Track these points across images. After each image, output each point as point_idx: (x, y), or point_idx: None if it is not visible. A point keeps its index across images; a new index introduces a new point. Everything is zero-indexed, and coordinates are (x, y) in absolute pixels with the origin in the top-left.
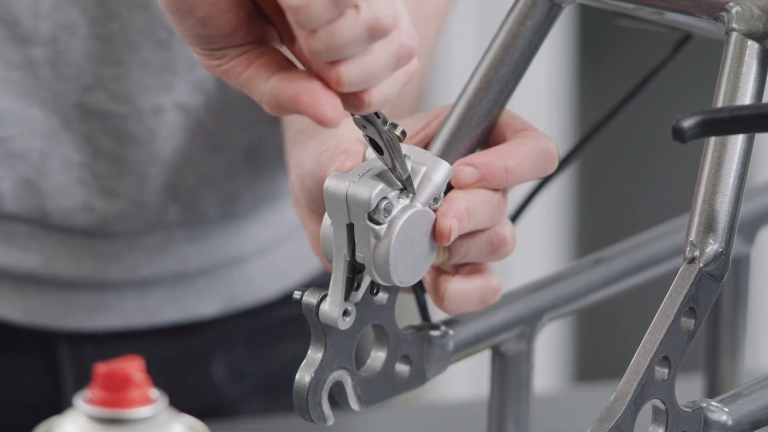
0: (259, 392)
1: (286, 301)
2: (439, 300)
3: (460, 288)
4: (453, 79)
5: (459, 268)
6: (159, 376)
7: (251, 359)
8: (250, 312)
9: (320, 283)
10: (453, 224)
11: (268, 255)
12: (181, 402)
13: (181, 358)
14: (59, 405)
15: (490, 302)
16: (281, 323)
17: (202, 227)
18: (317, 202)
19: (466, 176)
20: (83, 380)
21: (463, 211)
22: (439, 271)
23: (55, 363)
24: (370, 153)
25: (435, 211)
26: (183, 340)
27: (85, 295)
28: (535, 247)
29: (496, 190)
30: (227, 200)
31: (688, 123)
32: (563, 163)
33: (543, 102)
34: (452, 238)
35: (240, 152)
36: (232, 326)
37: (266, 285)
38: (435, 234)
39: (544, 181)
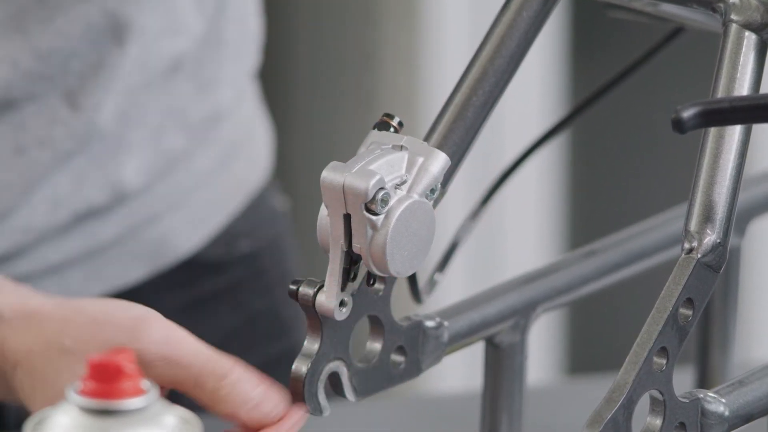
0: None
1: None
2: None
3: None
4: (447, 70)
5: None
6: None
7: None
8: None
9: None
10: None
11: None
12: None
13: None
14: None
15: None
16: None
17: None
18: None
19: None
20: None
21: None
22: None
23: None
24: (365, 145)
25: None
26: None
27: None
28: (528, 238)
29: None
30: None
31: (687, 113)
32: (537, 146)
33: (536, 95)
34: None
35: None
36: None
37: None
38: None
39: (528, 153)
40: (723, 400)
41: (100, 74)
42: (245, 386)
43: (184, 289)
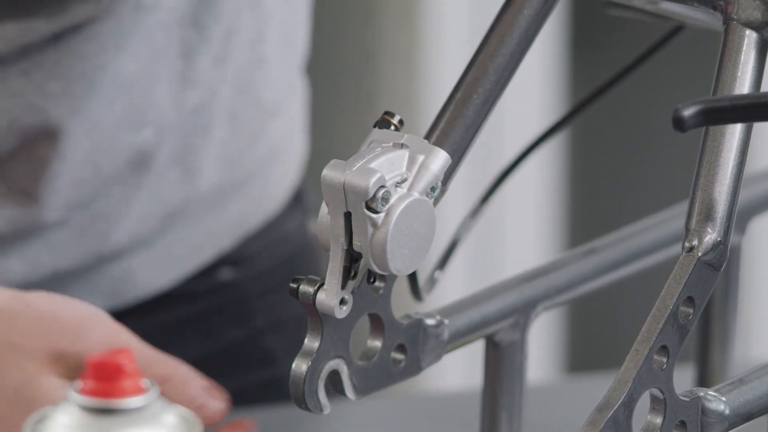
0: None
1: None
2: None
3: None
4: (447, 70)
5: None
6: None
7: None
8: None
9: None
10: None
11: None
12: None
13: None
14: None
15: None
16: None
17: None
18: None
19: None
20: None
21: None
22: None
23: None
24: (366, 143)
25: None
26: None
27: None
28: (528, 236)
29: None
30: None
31: (688, 112)
32: (537, 144)
33: (536, 93)
34: None
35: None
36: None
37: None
38: None
39: (528, 151)
40: (723, 399)
41: (35, 166)
42: (188, 388)
43: (150, 316)
